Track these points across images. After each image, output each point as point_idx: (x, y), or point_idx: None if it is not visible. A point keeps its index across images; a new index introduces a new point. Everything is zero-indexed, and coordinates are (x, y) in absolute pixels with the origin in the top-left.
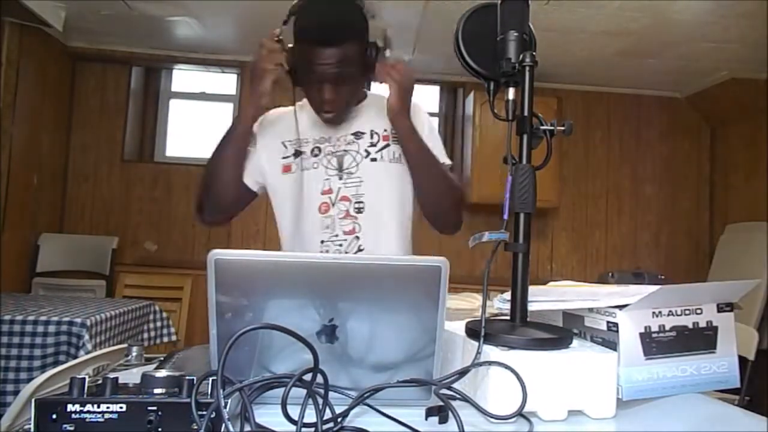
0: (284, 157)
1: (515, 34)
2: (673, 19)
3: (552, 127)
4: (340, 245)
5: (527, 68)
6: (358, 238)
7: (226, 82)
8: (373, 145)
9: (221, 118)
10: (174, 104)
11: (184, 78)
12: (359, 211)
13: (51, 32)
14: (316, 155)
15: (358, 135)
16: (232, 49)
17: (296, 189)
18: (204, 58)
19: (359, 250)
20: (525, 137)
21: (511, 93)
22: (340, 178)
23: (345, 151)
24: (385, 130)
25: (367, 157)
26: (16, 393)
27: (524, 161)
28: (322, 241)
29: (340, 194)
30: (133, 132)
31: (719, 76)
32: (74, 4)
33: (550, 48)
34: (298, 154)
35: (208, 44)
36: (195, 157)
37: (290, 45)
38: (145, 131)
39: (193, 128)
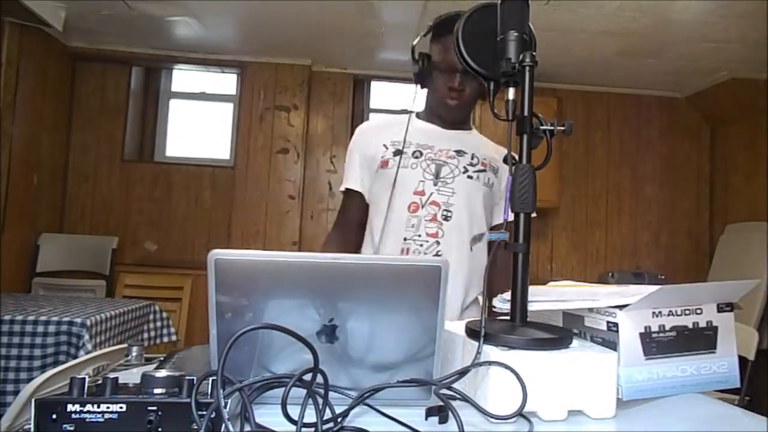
0: (383, 156)
1: (515, 34)
2: (673, 19)
3: (552, 127)
4: (421, 245)
5: (527, 68)
6: (438, 243)
7: (226, 82)
8: (472, 165)
9: (221, 118)
10: (174, 104)
11: (184, 78)
12: (446, 218)
13: (51, 32)
14: (416, 157)
15: (460, 152)
16: (232, 49)
17: (391, 184)
18: (204, 58)
19: (437, 254)
20: (525, 137)
21: (511, 93)
22: (435, 185)
23: (444, 162)
24: (485, 159)
25: (465, 173)
26: (16, 393)
27: (524, 161)
28: (405, 239)
29: (431, 198)
30: (133, 132)
31: (719, 76)
32: (74, 4)
33: (550, 48)
34: (398, 153)
35: (208, 44)
36: (195, 157)
37: (423, 51)
38: (145, 131)
39: (193, 128)
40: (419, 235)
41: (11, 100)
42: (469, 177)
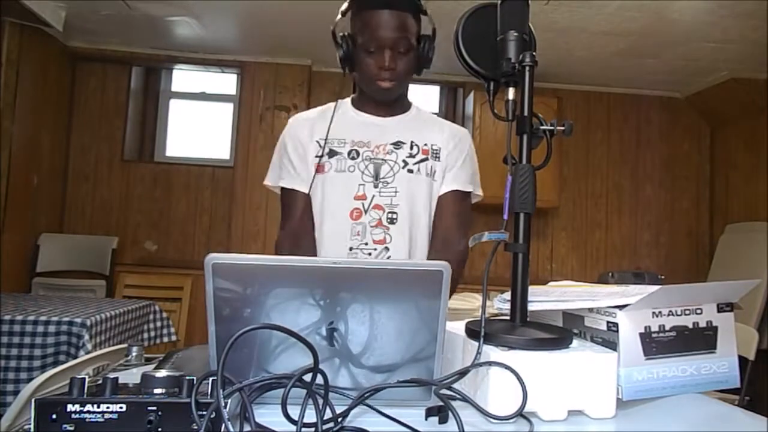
0: (318, 156)
1: (515, 34)
2: (673, 19)
3: (552, 127)
4: (369, 254)
5: (527, 68)
6: (387, 248)
7: (226, 82)
8: (411, 156)
9: (221, 118)
10: (174, 104)
11: (184, 78)
12: (392, 221)
13: (51, 32)
14: (353, 158)
15: (398, 144)
16: (232, 49)
17: (328, 190)
18: (204, 58)
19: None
20: (525, 137)
21: (510, 93)
22: (375, 186)
23: (383, 159)
24: (425, 144)
25: (404, 167)
26: (16, 393)
27: (524, 161)
28: (351, 248)
29: (374, 202)
30: (133, 132)
31: (719, 76)
32: (74, 4)
33: (550, 48)
34: (333, 153)
35: (208, 44)
36: (195, 157)
37: (345, 33)
38: (145, 131)
39: (193, 128)
40: (366, 243)
41: (11, 100)
42: (410, 171)
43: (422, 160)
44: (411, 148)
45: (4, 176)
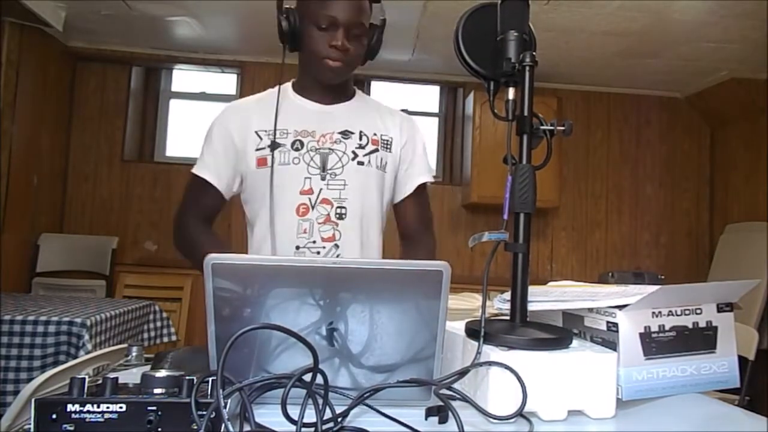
0: (258, 149)
1: (515, 34)
2: (673, 19)
3: (552, 127)
4: (318, 252)
5: (527, 68)
6: (337, 246)
7: (226, 82)
8: (361, 147)
9: None
10: (174, 104)
11: (184, 78)
12: (341, 217)
13: (51, 32)
14: (297, 149)
15: (346, 134)
16: (232, 49)
17: (271, 185)
18: (204, 58)
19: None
20: (525, 137)
21: (511, 93)
22: (323, 179)
23: (330, 149)
24: (375, 134)
25: (354, 159)
26: (16, 393)
27: (524, 161)
28: (298, 247)
29: (321, 196)
30: (133, 132)
31: (719, 76)
32: (74, 4)
33: (550, 48)
34: (275, 146)
35: (208, 44)
36: (195, 157)
37: (289, 6)
38: (145, 131)
39: (193, 128)
40: (314, 242)
41: (11, 100)
42: (360, 163)
43: (372, 151)
44: (360, 138)
45: (4, 176)
